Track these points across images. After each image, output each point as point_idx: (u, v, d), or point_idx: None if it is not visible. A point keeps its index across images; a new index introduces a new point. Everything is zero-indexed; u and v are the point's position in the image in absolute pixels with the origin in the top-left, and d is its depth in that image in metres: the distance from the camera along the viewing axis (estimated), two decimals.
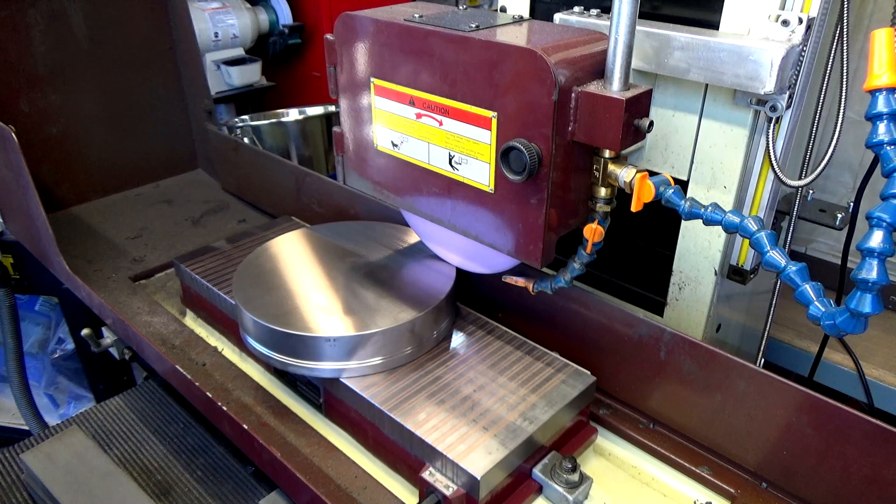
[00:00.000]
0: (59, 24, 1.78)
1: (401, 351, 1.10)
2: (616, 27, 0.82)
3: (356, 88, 1.10)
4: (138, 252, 1.69)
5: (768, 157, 1.12)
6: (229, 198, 2.00)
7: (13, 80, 1.74)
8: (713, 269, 1.24)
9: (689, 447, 1.08)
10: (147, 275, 1.61)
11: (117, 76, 1.92)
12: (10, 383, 2.08)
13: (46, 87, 1.80)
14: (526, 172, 0.87)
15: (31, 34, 1.74)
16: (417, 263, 1.26)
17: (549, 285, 1.08)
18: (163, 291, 1.56)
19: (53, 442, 1.19)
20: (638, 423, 1.13)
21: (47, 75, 1.79)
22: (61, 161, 1.85)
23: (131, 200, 1.98)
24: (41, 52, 1.76)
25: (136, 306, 1.43)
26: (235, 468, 1.26)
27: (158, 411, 1.40)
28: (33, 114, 1.78)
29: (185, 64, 2.03)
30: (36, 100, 1.79)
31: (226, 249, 1.45)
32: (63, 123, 1.85)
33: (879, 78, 0.74)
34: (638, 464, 1.10)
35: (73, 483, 1.11)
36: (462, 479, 0.93)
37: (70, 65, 1.83)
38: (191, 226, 1.85)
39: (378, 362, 1.08)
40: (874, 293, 0.76)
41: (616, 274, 1.16)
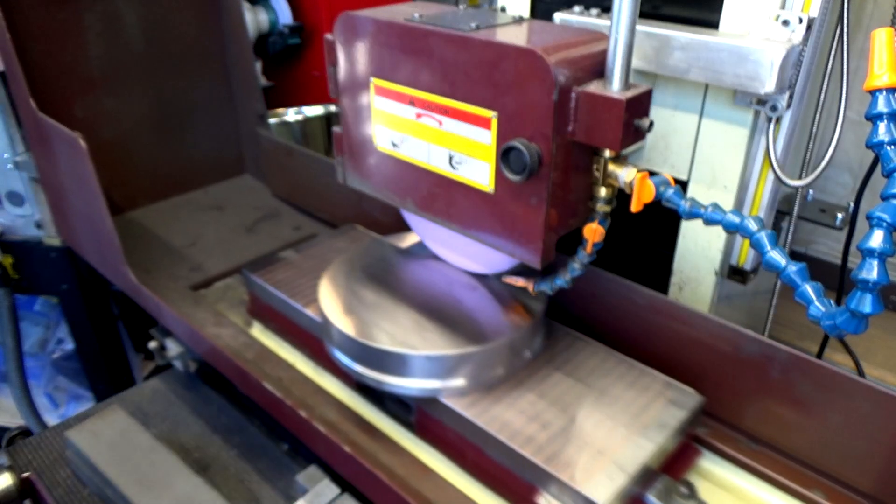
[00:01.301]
0: (114, 26, 1.74)
1: (500, 369, 1.05)
2: (616, 27, 0.82)
3: (356, 88, 1.10)
4: (195, 260, 1.65)
5: (768, 157, 1.12)
6: (280, 204, 1.95)
7: (68, 84, 1.70)
8: (713, 269, 1.24)
9: (798, 469, 1.03)
10: (206, 284, 1.57)
11: (168, 79, 1.89)
12: (9, 383, 2.08)
13: (100, 91, 1.76)
14: (526, 172, 0.87)
15: (86, 37, 1.70)
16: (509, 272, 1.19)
17: (550, 285, 1.08)
18: (224, 301, 1.51)
19: (96, 420, 1.22)
20: (740, 444, 1.07)
21: (101, 79, 1.76)
22: (113, 166, 1.80)
23: (181, 206, 1.94)
24: (96, 55, 1.73)
25: (202, 317, 1.38)
26: (270, 446, 1.28)
27: (193, 393, 1.42)
28: (87, 118, 1.74)
29: (235, 66, 1.98)
30: (90, 104, 1.75)
31: (294, 259, 1.39)
32: (115, 128, 1.82)
33: (879, 78, 0.74)
34: (743, 486, 1.04)
35: (119, 458, 1.15)
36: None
37: (123, 68, 1.79)
38: (245, 233, 1.80)
39: (477, 381, 1.03)
40: (874, 293, 0.76)
41: (616, 274, 1.16)
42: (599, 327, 1.21)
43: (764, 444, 1.07)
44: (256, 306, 1.40)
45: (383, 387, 1.05)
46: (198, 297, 1.49)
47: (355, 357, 1.07)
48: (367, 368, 1.06)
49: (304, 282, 1.30)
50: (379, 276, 1.20)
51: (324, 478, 1.10)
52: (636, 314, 1.15)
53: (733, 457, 1.06)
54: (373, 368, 1.05)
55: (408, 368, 1.02)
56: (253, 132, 1.99)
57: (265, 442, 1.30)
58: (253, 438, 1.31)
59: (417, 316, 1.09)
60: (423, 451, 1.09)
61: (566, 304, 1.24)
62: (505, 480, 0.98)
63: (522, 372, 1.07)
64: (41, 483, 1.23)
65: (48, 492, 1.21)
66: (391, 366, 1.03)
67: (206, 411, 1.39)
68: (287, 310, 1.28)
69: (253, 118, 1.98)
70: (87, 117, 1.74)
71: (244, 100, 2.00)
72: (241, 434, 1.32)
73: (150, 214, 1.88)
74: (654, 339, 1.14)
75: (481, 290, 1.16)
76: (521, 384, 1.04)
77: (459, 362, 1.01)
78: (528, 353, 1.09)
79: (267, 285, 1.30)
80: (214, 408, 1.40)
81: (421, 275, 1.22)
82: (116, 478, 1.11)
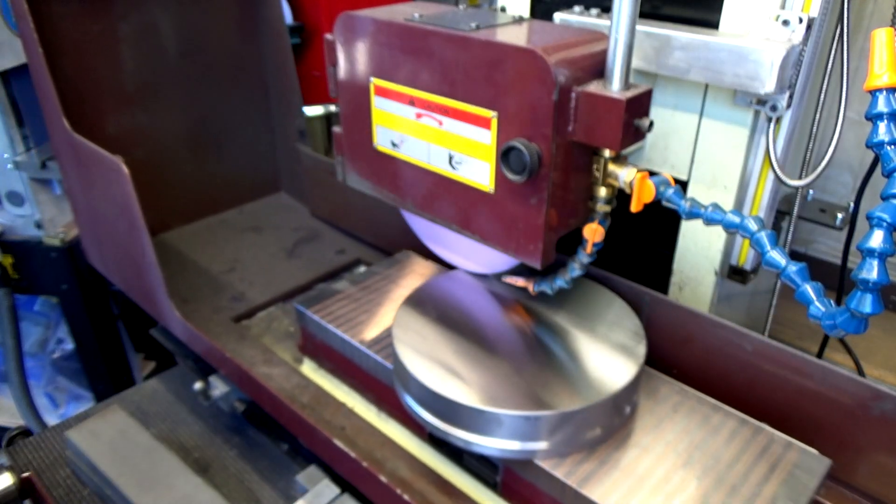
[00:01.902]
0: (150, 37, 1.66)
1: (599, 428, 0.94)
2: (616, 27, 0.82)
3: (356, 88, 1.09)
4: (235, 288, 1.55)
5: (768, 157, 1.12)
6: (320, 224, 1.85)
7: (101, 101, 1.62)
8: (713, 269, 1.24)
9: None
10: (249, 314, 1.48)
11: (204, 92, 1.79)
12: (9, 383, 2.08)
13: (134, 107, 1.68)
14: (526, 172, 0.87)
15: (120, 49, 1.62)
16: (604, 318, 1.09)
17: (550, 286, 1.08)
18: (269, 334, 1.42)
19: (96, 420, 1.22)
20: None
21: (135, 94, 1.67)
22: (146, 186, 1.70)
23: (216, 228, 1.84)
24: (130, 68, 1.64)
25: (249, 354, 1.29)
26: (270, 446, 1.29)
27: (193, 393, 1.39)
28: (120, 136, 1.65)
29: (275, 79, 1.87)
30: (123, 121, 1.67)
31: (351, 292, 1.28)
32: (148, 146, 1.73)
33: (879, 78, 0.74)
34: None
35: (119, 458, 1.15)
36: None
37: (158, 82, 1.70)
38: (286, 257, 1.70)
39: (576, 442, 0.92)
40: (874, 293, 0.76)
41: (616, 274, 1.16)
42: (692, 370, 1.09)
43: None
44: (309, 343, 1.30)
45: (472, 448, 0.94)
46: (242, 331, 1.39)
47: (436, 412, 0.96)
48: (450, 426, 0.95)
49: (365, 318, 1.20)
50: (456, 318, 1.09)
51: (324, 478, 1.10)
52: (742, 359, 1.03)
53: None
54: (458, 426, 0.94)
55: (502, 429, 0.91)
56: (292, 148, 1.89)
57: (265, 442, 1.30)
58: (253, 438, 1.31)
59: (506, 367, 0.98)
60: None
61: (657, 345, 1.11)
62: None
63: (622, 429, 0.96)
64: (41, 483, 1.23)
65: (48, 492, 1.21)
66: (480, 425, 0.92)
67: (206, 411, 1.39)
68: (347, 350, 1.18)
69: (292, 133, 1.89)
70: (119, 135, 1.65)
71: (283, 114, 1.90)
72: (241, 434, 1.33)
73: (184, 237, 1.79)
74: (764, 389, 1.03)
75: (574, 334, 1.06)
76: (623, 444, 0.94)
77: (559, 422, 0.90)
78: (628, 409, 0.98)
79: (324, 322, 1.20)
80: (214, 408, 1.40)
81: (504, 316, 1.11)
82: (116, 478, 1.11)
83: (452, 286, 1.18)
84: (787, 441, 0.94)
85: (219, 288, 1.55)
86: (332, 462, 1.10)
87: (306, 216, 1.90)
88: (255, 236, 1.80)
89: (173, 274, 1.60)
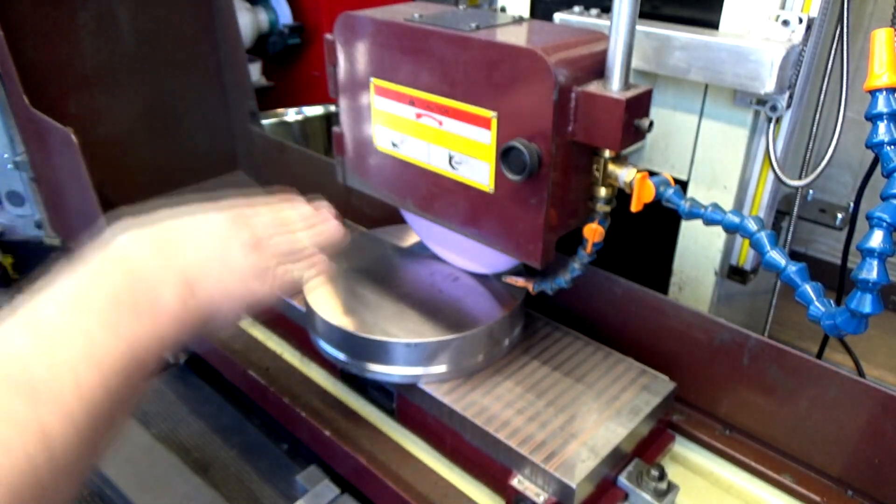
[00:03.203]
0: (108, 25, 1.78)
1: (478, 356, 1.08)
2: (616, 27, 0.82)
3: (356, 88, 1.10)
4: None
5: (768, 157, 1.12)
6: None
7: (63, 81, 1.74)
8: (713, 269, 1.24)
9: (769, 454, 1.06)
10: None
11: (162, 77, 1.92)
12: None
13: (94, 89, 1.80)
14: (526, 172, 0.87)
15: (79, 36, 1.73)
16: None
17: (550, 285, 1.08)
18: None
19: None
20: (714, 430, 1.11)
21: (95, 77, 1.79)
22: (108, 162, 1.83)
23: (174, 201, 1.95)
24: (89, 52, 1.76)
25: None
26: (270, 446, 1.29)
27: (193, 393, 1.43)
28: (81, 115, 1.77)
29: (228, 64, 2.02)
30: (84, 101, 1.79)
31: None
32: (108, 125, 1.85)
33: (879, 78, 0.74)
34: (716, 471, 1.08)
35: (118, 458, 1.15)
36: (554, 487, 0.91)
37: (117, 66, 1.83)
38: None
39: (456, 368, 1.06)
40: (874, 293, 0.76)
41: (616, 274, 1.16)
42: (579, 318, 1.23)
43: (737, 431, 1.10)
44: None
45: (364, 374, 1.08)
46: None
47: (338, 345, 1.10)
48: (348, 356, 1.09)
49: None
50: (363, 269, 1.24)
51: (324, 478, 1.10)
52: (614, 304, 1.17)
53: (707, 443, 1.09)
54: (354, 357, 1.08)
55: (388, 356, 1.05)
56: (245, 129, 2.05)
57: (265, 442, 1.30)
58: (253, 438, 1.31)
59: (400, 306, 1.13)
60: (404, 437, 1.13)
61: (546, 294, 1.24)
62: (481, 464, 1.02)
63: (501, 360, 1.11)
64: None
65: None
66: (372, 353, 1.06)
67: (206, 411, 1.39)
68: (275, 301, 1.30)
69: (245, 116, 2.03)
70: (81, 114, 1.76)
71: (237, 98, 2.05)
72: (241, 434, 1.32)
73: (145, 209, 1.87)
74: (631, 328, 1.17)
75: (463, 281, 1.20)
76: (499, 372, 1.08)
77: (438, 349, 1.04)
78: (507, 341, 1.12)
79: None
80: (214, 408, 1.40)
81: (404, 266, 1.26)
82: (116, 478, 1.11)
83: (365, 244, 1.34)
84: (642, 368, 1.09)
85: None
86: (255, 397, 1.26)
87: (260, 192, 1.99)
88: None
89: None
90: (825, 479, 1.02)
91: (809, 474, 1.03)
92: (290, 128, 2.59)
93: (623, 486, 0.98)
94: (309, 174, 1.81)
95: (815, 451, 1.02)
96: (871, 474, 0.97)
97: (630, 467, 0.99)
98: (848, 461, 0.99)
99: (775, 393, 1.03)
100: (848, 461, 0.99)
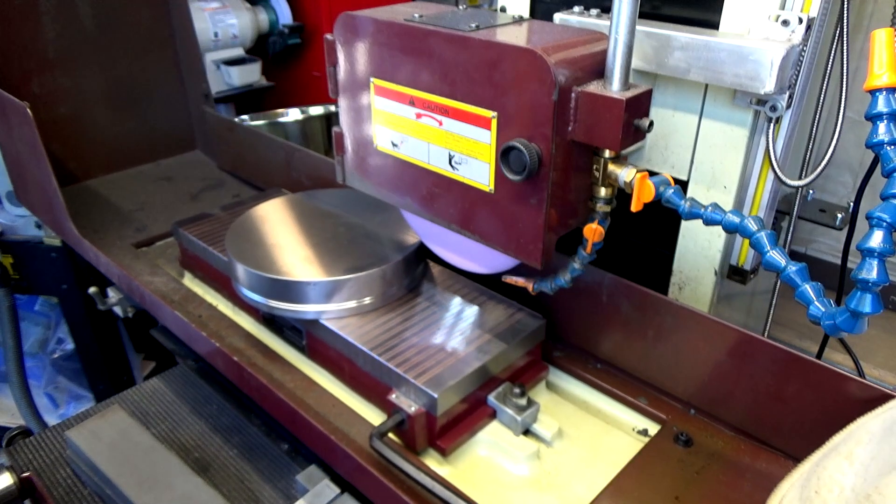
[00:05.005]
0: (68, 11, 1.89)
1: (374, 295, 1.21)
2: (616, 27, 0.82)
3: (356, 88, 1.10)
4: (141, 222, 1.80)
5: (768, 157, 1.12)
6: (225, 176, 2.12)
7: (26, 62, 1.85)
8: (713, 269, 1.24)
9: (629, 382, 1.20)
10: (148, 242, 1.72)
11: (121, 62, 2.04)
12: (10, 383, 2.08)
13: (56, 70, 1.91)
14: (526, 172, 0.87)
15: (42, 21, 1.85)
16: (392, 222, 1.37)
17: (550, 285, 1.08)
18: (163, 257, 1.66)
19: (97, 419, 1.23)
20: (587, 364, 1.25)
21: (57, 59, 1.90)
22: (69, 139, 1.97)
23: (133, 177, 2.10)
24: (51, 37, 1.88)
25: (139, 268, 1.54)
26: (270, 446, 1.30)
27: (193, 393, 1.45)
28: (44, 95, 1.90)
29: (184, 51, 2.15)
30: (46, 82, 1.90)
31: (221, 216, 1.56)
32: (71, 104, 1.96)
33: (879, 78, 0.74)
34: (586, 398, 1.22)
35: (118, 458, 1.15)
36: (423, 400, 1.03)
37: (77, 50, 1.94)
38: (189, 200, 1.96)
39: (353, 305, 1.20)
40: (874, 293, 0.76)
41: (616, 274, 1.16)
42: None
43: (607, 364, 1.24)
44: (186, 257, 1.56)
45: (275, 312, 1.22)
46: (139, 254, 1.63)
47: (252, 288, 1.24)
48: (263, 297, 1.22)
49: (224, 233, 1.43)
50: (282, 224, 1.38)
51: (324, 478, 1.10)
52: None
53: (579, 374, 1.23)
54: (267, 297, 1.22)
55: (295, 295, 1.19)
56: (200, 110, 2.19)
57: (265, 442, 1.30)
58: (253, 438, 1.31)
59: (308, 252, 1.27)
60: (312, 369, 1.26)
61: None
62: (370, 386, 1.14)
63: (397, 301, 1.25)
64: (41, 483, 1.23)
65: (48, 492, 1.21)
66: (282, 293, 1.20)
67: (206, 411, 1.39)
68: (208, 257, 1.44)
69: (199, 97, 2.18)
70: (44, 94, 1.90)
71: (191, 80, 2.19)
72: (241, 434, 1.33)
73: (103, 183, 2.04)
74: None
75: (371, 232, 1.34)
76: (393, 310, 1.22)
77: (337, 287, 1.18)
78: (403, 284, 1.26)
79: (192, 237, 1.46)
80: (214, 407, 1.40)
81: (319, 221, 1.39)
82: (116, 478, 1.11)
83: (287, 203, 1.47)
84: (519, 307, 1.23)
85: (126, 221, 1.81)
86: (188, 340, 1.38)
87: (215, 169, 2.17)
88: (167, 184, 2.07)
89: (88, 211, 1.86)
90: (673, 401, 1.15)
91: (660, 397, 1.17)
92: (290, 128, 2.59)
93: (491, 404, 1.12)
94: (255, 151, 1.97)
95: (663, 376, 1.16)
96: (706, 394, 1.10)
97: (500, 388, 1.13)
98: (688, 384, 1.12)
99: (629, 325, 1.16)
100: (688, 384, 1.12)
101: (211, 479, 1.21)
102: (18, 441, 1.34)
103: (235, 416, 1.37)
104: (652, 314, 1.11)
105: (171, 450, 1.18)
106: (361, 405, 1.17)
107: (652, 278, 1.31)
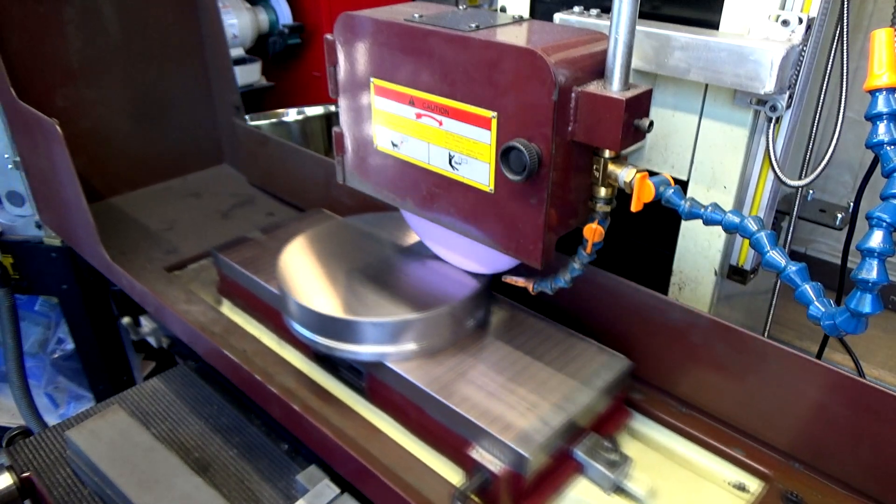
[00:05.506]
0: (93, 19, 1.81)
1: (441, 335, 1.12)
2: (616, 27, 0.82)
3: (356, 88, 1.10)
4: (170, 243, 1.71)
5: (768, 157, 1.12)
6: (256, 191, 2.02)
7: (49, 75, 1.77)
8: (713, 269, 1.24)
9: (722, 430, 1.10)
10: (181, 265, 1.63)
11: (147, 71, 1.96)
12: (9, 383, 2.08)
13: (80, 82, 1.83)
14: (526, 172, 0.87)
15: (65, 30, 1.77)
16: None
17: (550, 285, 1.08)
18: (197, 281, 1.57)
19: (97, 419, 1.22)
20: (671, 407, 1.14)
21: (81, 70, 1.83)
22: (93, 154, 1.89)
23: (160, 194, 2.01)
24: (76, 47, 1.80)
25: (174, 295, 1.44)
26: (270, 446, 1.29)
27: (193, 393, 1.44)
28: (68, 108, 1.81)
29: (213, 59, 2.05)
30: (70, 94, 1.82)
31: (261, 240, 1.47)
32: (95, 118, 1.89)
33: (879, 78, 0.74)
34: (672, 446, 1.11)
35: (118, 458, 1.15)
36: (510, 458, 0.94)
37: (102, 60, 1.86)
38: (220, 218, 1.87)
39: (420, 346, 1.10)
40: (874, 293, 0.76)
41: (616, 274, 1.16)
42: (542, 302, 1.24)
43: (693, 408, 1.13)
44: (225, 284, 1.47)
45: (334, 353, 1.12)
46: (172, 278, 1.54)
47: (309, 326, 1.15)
48: (319, 336, 1.13)
49: (269, 260, 1.35)
50: (335, 253, 1.28)
51: (324, 478, 1.10)
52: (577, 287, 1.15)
53: (664, 419, 1.13)
54: (324, 336, 1.12)
55: (356, 335, 1.10)
56: (230, 123, 2.07)
57: (265, 442, 1.30)
58: (253, 438, 1.31)
59: (368, 286, 1.18)
60: (373, 413, 1.16)
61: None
62: (443, 437, 1.05)
63: (465, 340, 1.15)
64: (41, 483, 1.23)
65: (48, 492, 1.21)
66: (341, 333, 1.10)
67: (206, 411, 1.39)
68: (251, 286, 1.35)
69: (230, 109, 2.06)
70: (67, 107, 1.81)
71: (221, 92, 2.08)
72: (241, 434, 1.32)
73: (129, 201, 1.95)
74: (593, 310, 1.21)
75: (431, 265, 1.25)
76: (462, 350, 1.12)
77: (403, 328, 1.09)
78: (471, 322, 1.17)
79: (233, 263, 1.37)
80: (214, 408, 1.40)
81: (374, 250, 1.30)
82: (116, 478, 1.11)
83: (338, 230, 1.38)
84: (600, 347, 1.13)
85: (155, 243, 1.71)
86: (232, 378, 1.28)
87: (245, 184, 2.08)
88: (195, 201, 1.97)
89: (115, 231, 1.76)
90: (774, 453, 1.05)
91: (759, 448, 1.06)
92: (290, 128, 2.59)
93: (578, 459, 1.01)
94: (289, 167, 1.87)
95: (763, 425, 1.05)
96: (815, 447, 1.01)
97: (586, 440, 1.02)
98: (794, 435, 1.03)
99: (725, 370, 1.06)
100: (794, 435, 1.03)
101: (211, 479, 1.21)
102: (18, 441, 1.34)
103: (235, 416, 1.37)
104: (755, 359, 1.02)
105: (171, 450, 1.18)
106: (430, 456, 1.08)
107: (652, 278, 1.31)
